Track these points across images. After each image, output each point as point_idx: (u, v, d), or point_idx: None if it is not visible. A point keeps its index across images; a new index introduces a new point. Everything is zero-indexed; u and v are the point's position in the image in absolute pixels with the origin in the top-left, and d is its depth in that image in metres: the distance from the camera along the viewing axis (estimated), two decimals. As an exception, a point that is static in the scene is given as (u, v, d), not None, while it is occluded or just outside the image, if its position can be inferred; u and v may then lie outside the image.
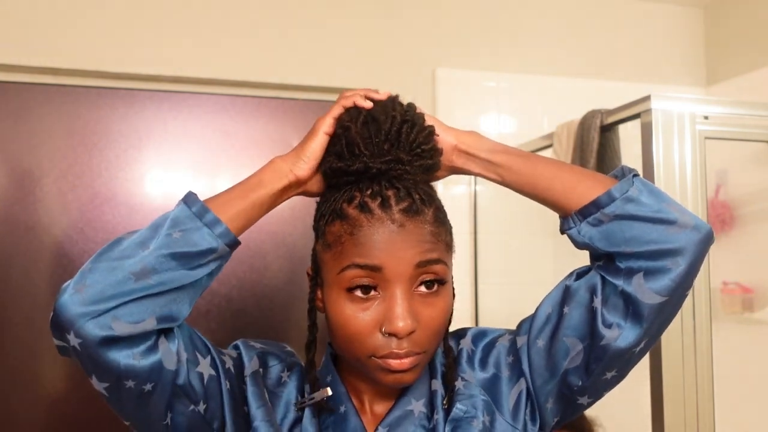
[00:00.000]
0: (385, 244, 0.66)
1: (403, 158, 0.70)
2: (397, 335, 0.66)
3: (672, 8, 2.39)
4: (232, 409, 0.71)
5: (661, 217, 0.65)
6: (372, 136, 0.70)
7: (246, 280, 1.92)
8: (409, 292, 0.67)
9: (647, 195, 0.67)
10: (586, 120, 1.53)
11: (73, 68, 1.81)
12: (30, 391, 1.77)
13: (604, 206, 0.68)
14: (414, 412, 0.72)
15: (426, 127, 0.74)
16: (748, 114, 1.29)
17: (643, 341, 0.67)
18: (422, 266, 0.67)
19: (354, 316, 0.67)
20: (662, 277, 0.64)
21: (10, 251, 1.77)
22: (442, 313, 0.70)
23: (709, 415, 1.17)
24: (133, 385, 0.62)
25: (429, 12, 2.12)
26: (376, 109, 0.72)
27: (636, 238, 0.65)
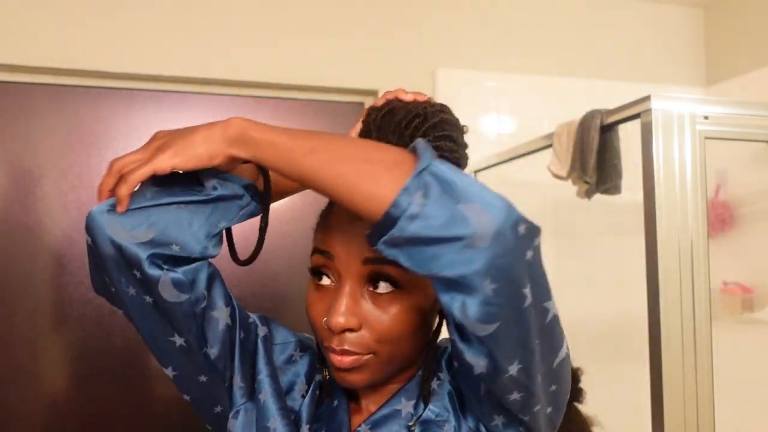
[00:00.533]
0: (338, 232, 0.66)
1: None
2: (331, 330, 0.65)
3: (672, 8, 2.39)
4: (240, 358, 0.73)
5: (453, 235, 0.50)
6: (385, 126, 0.70)
7: (246, 280, 1.92)
8: (358, 289, 0.66)
9: (437, 199, 0.51)
10: (586, 120, 1.53)
11: (73, 68, 1.81)
12: (30, 391, 1.77)
13: (389, 230, 0.52)
14: (402, 412, 0.71)
15: (440, 126, 0.69)
16: (748, 114, 1.29)
17: (493, 365, 0.57)
18: (371, 263, 0.64)
19: (313, 303, 0.69)
20: (478, 303, 0.52)
21: (10, 251, 1.77)
22: (393, 318, 0.64)
23: (709, 415, 1.17)
24: (135, 292, 0.65)
25: (429, 12, 2.12)
26: (403, 103, 0.72)
27: (436, 259, 0.51)
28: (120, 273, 0.64)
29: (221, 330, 0.70)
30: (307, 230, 0.75)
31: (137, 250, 0.62)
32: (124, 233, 0.62)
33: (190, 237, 0.65)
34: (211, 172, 0.66)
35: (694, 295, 1.18)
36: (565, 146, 1.61)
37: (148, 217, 0.63)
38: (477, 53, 2.16)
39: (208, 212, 0.66)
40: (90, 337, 1.82)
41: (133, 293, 0.65)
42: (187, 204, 0.65)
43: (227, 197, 0.68)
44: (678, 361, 1.16)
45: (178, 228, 0.64)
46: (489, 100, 2.14)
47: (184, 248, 0.64)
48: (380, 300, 0.65)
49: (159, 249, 0.63)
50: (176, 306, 0.65)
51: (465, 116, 2.40)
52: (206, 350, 0.69)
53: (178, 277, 0.64)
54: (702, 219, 1.19)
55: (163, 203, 0.64)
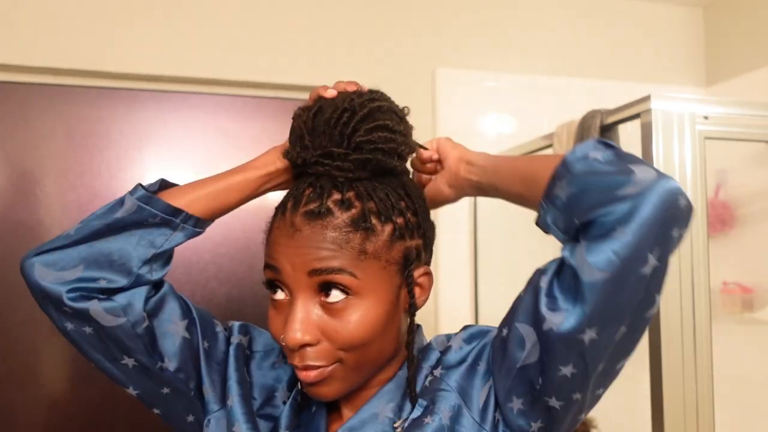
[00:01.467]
0: (281, 246, 0.66)
1: (333, 152, 0.67)
2: (288, 348, 0.65)
3: (672, 8, 2.39)
4: (207, 367, 0.73)
5: (612, 174, 0.56)
6: (317, 127, 0.68)
7: (246, 280, 1.92)
8: (310, 301, 0.65)
9: (602, 150, 0.59)
10: (586, 120, 1.53)
11: (73, 68, 1.81)
12: (30, 391, 1.77)
13: (561, 177, 0.60)
14: (379, 416, 0.69)
15: (372, 117, 0.68)
16: (748, 114, 1.29)
17: (587, 327, 0.56)
18: (317, 275, 0.63)
19: (272, 318, 0.69)
20: (603, 248, 0.54)
21: (10, 251, 1.77)
22: (352, 326, 0.64)
23: (709, 415, 1.17)
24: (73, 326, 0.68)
25: (429, 12, 2.12)
26: (331, 99, 0.70)
27: (581, 203, 0.57)
28: (54, 312, 0.68)
29: (178, 344, 0.71)
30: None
31: (57, 288, 0.66)
32: (51, 275, 0.67)
33: (119, 270, 0.67)
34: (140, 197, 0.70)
35: (694, 295, 1.18)
36: (565, 146, 1.61)
37: (72, 257, 0.67)
38: (477, 53, 2.16)
39: (135, 240, 0.69)
40: (90, 337, 1.82)
41: (72, 327, 0.68)
42: (109, 235, 0.68)
43: (147, 223, 0.69)
44: (678, 361, 1.16)
45: (105, 262, 0.67)
46: (489, 100, 2.14)
47: (111, 281, 0.67)
48: (334, 309, 0.64)
49: (84, 284, 0.66)
50: (117, 329, 0.67)
51: (465, 116, 2.41)
52: (161, 365, 0.70)
53: (109, 304, 0.66)
54: (702, 219, 1.19)
55: (86, 237, 0.68)
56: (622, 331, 0.58)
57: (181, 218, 0.70)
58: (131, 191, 0.70)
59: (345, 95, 0.70)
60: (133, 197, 0.69)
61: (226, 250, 1.89)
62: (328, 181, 0.67)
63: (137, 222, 0.69)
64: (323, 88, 0.73)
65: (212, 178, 0.75)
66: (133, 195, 0.69)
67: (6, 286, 1.76)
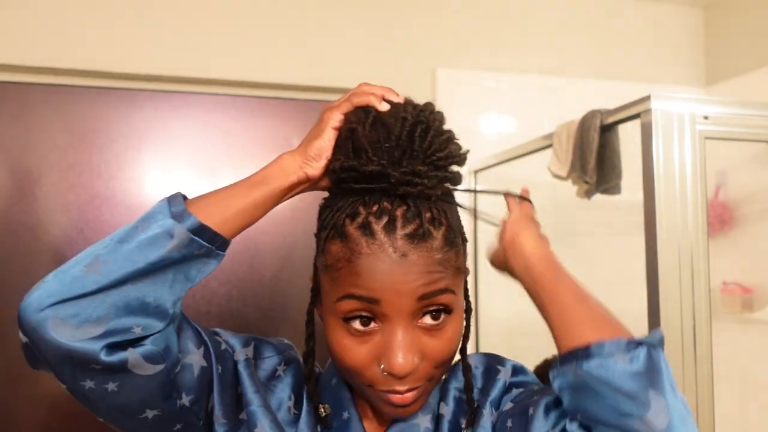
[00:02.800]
0: (384, 275, 0.60)
1: (420, 170, 0.62)
2: (396, 376, 0.62)
3: (672, 8, 2.39)
4: (222, 393, 0.67)
5: (628, 397, 0.55)
6: (381, 140, 0.63)
7: (246, 280, 1.92)
8: (410, 326, 0.62)
9: (634, 371, 0.55)
10: (586, 120, 1.53)
11: (73, 68, 1.81)
12: (30, 391, 1.77)
13: (579, 359, 0.58)
14: (420, 426, 0.69)
15: (443, 131, 0.66)
16: (748, 114, 1.29)
17: None
18: (426, 299, 0.61)
19: (351, 348, 0.63)
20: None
21: (10, 251, 1.77)
22: (449, 343, 0.64)
23: (709, 415, 1.17)
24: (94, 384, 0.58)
25: (429, 12, 2.12)
26: (386, 111, 0.65)
27: (588, 404, 0.57)
28: (73, 371, 0.57)
29: (197, 375, 0.64)
30: (308, 230, 0.74)
31: (90, 346, 0.55)
32: (71, 331, 0.55)
33: (154, 314, 0.58)
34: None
35: (694, 295, 1.17)
36: (565, 146, 1.61)
37: (99, 305, 0.55)
38: (477, 53, 2.16)
39: (170, 278, 0.59)
40: (90, 337, 1.82)
41: (92, 386, 0.58)
42: (149, 275, 0.57)
43: (191, 256, 0.60)
44: (678, 361, 1.16)
45: (138, 307, 0.57)
46: (489, 100, 2.14)
47: (147, 328, 0.58)
48: (434, 329, 0.63)
49: (117, 337, 0.56)
50: (152, 378, 0.59)
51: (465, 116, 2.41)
52: (180, 402, 0.63)
53: (149, 349, 0.58)
54: (702, 219, 1.19)
55: (122, 280, 0.56)
56: None
57: (218, 245, 0.62)
58: (177, 216, 0.59)
59: (398, 106, 0.66)
60: (183, 227, 0.59)
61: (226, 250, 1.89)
62: (420, 200, 0.63)
63: (185, 257, 0.59)
64: (374, 98, 0.66)
65: (234, 193, 0.64)
66: (183, 223, 0.59)
67: (5, 285, 1.76)
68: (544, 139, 1.76)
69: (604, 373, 0.56)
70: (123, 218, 1.85)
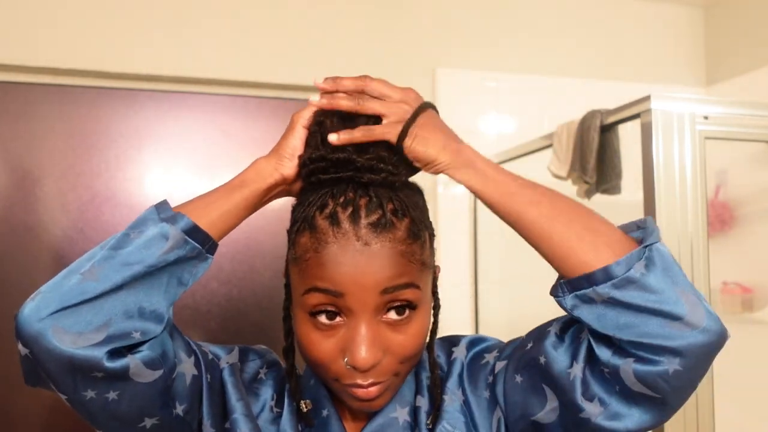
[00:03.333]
0: (348, 266, 0.60)
1: (384, 155, 0.64)
2: (359, 370, 0.62)
3: (672, 8, 2.39)
4: (210, 402, 0.68)
5: (664, 310, 0.55)
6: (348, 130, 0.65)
7: (246, 280, 1.92)
8: (374, 321, 0.62)
9: (657, 275, 0.56)
10: (586, 120, 1.53)
11: (73, 68, 1.81)
12: (30, 391, 1.77)
13: (598, 284, 0.57)
14: (398, 419, 0.70)
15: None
16: (748, 114, 1.29)
17: (633, 429, 0.59)
18: (389, 292, 0.61)
19: (318, 342, 0.63)
20: (653, 372, 0.55)
21: (10, 251, 1.77)
22: (413, 338, 0.64)
23: (709, 415, 1.17)
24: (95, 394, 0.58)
25: (429, 12, 2.12)
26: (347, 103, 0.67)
27: (630, 327, 0.56)
28: (74, 380, 0.57)
29: (189, 384, 0.65)
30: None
31: (93, 353, 0.55)
32: (73, 339, 0.55)
33: (151, 319, 0.59)
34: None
35: (694, 295, 1.17)
36: (565, 146, 1.61)
37: (99, 312, 0.56)
38: (477, 53, 2.16)
39: (164, 282, 0.60)
40: (90, 337, 1.82)
41: (93, 395, 0.57)
42: (146, 278, 0.58)
43: (182, 258, 0.60)
44: (678, 361, 1.16)
45: (136, 312, 0.58)
46: (489, 100, 2.14)
47: (146, 333, 0.58)
48: (398, 324, 0.64)
49: (117, 343, 0.56)
50: (152, 385, 0.59)
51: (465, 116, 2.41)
52: (175, 412, 0.64)
53: (147, 355, 0.58)
54: (702, 219, 1.19)
55: (120, 286, 0.57)
56: None
57: (207, 247, 0.63)
58: (169, 219, 0.60)
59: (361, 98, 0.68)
60: (177, 228, 0.60)
61: (226, 250, 1.89)
62: (382, 188, 0.64)
63: (179, 259, 0.60)
64: (337, 99, 0.68)
65: (215, 198, 0.66)
66: (177, 225, 0.60)
67: (5, 285, 1.76)
68: (544, 139, 1.76)
69: (632, 289, 0.55)
70: (123, 218, 1.85)
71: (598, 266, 0.57)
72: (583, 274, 0.58)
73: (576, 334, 0.63)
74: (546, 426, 0.64)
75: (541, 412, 0.64)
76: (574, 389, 0.60)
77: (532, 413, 0.65)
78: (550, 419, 0.64)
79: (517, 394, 0.67)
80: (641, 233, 0.60)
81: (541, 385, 0.64)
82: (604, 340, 0.59)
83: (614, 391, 0.58)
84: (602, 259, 0.57)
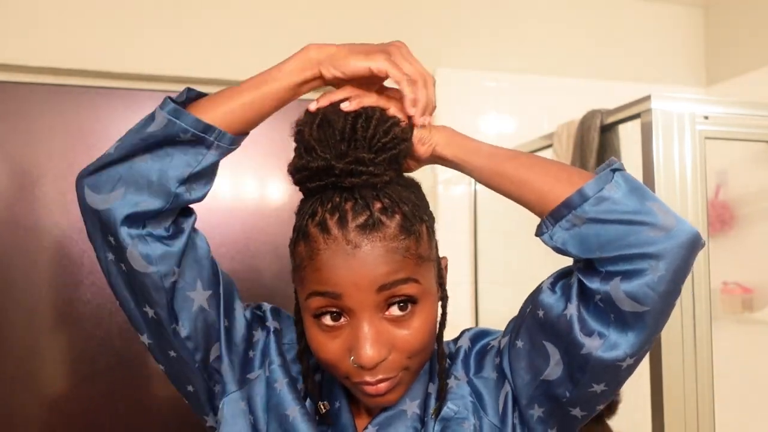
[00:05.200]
0: (342, 269, 0.62)
1: (363, 157, 0.64)
2: (365, 368, 0.63)
3: (672, 8, 2.39)
4: (228, 348, 0.72)
5: (639, 219, 0.59)
6: (327, 137, 0.65)
7: (246, 280, 1.92)
8: (376, 318, 0.63)
9: (626, 192, 0.60)
10: (586, 120, 1.53)
11: (73, 68, 1.81)
12: (30, 391, 1.77)
13: (576, 207, 0.61)
14: (407, 412, 0.71)
15: (385, 118, 0.68)
16: (748, 114, 1.29)
17: (630, 356, 0.62)
18: (386, 289, 0.63)
19: (324, 343, 0.66)
20: (640, 284, 0.59)
21: (10, 251, 1.77)
22: (419, 333, 0.65)
23: (709, 415, 1.17)
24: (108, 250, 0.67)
25: (429, 12, 2.12)
26: (328, 109, 0.69)
27: (611, 242, 0.59)
28: (101, 238, 0.66)
29: (194, 311, 0.69)
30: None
31: (112, 213, 0.63)
32: (99, 198, 0.64)
33: (156, 189, 0.65)
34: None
35: (694, 295, 1.18)
36: (565, 146, 1.61)
37: (113, 176, 0.65)
38: (477, 53, 2.16)
39: (170, 160, 0.65)
40: (90, 337, 1.82)
41: (112, 258, 0.66)
42: (146, 152, 0.65)
43: (180, 140, 0.66)
44: (678, 361, 1.16)
45: (144, 183, 0.64)
46: (489, 100, 2.14)
47: (151, 203, 0.64)
48: (400, 319, 0.65)
49: (129, 209, 0.64)
50: (145, 276, 0.65)
51: (465, 116, 2.40)
52: (175, 326, 0.68)
53: (145, 250, 0.64)
54: (702, 219, 1.19)
55: (125, 156, 0.65)
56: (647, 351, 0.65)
57: (214, 135, 0.67)
58: (161, 104, 0.66)
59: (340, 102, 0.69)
60: (163, 111, 0.65)
61: (226, 250, 1.89)
62: (366, 189, 0.65)
63: (169, 138, 0.65)
64: (324, 100, 0.71)
65: (241, 87, 0.71)
66: (163, 109, 0.66)
67: (6, 285, 1.76)
68: (544, 139, 1.76)
69: (607, 204, 0.60)
70: (123, 218, 1.85)
71: (573, 189, 0.61)
72: (561, 202, 0.62)
73: (566, 282, 0.66)
74: (554, 382, 0.67)
75: (548, 368, 0.67)
76: (572, 327, 0.63)
77: (540, 372, 0.67)
78: (557, 374, 0.66)
79: (521, 359, 0.69)
80: (605, 168, 0.64)
81: (541, 342, 0.67)
82: (591, 272, 0.62)
83: (610, 320, 0.61)
84: (577, 184, 0.62)
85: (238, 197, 1.90)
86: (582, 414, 0.68)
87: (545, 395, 0.68)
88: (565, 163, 0.69)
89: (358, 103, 0.67)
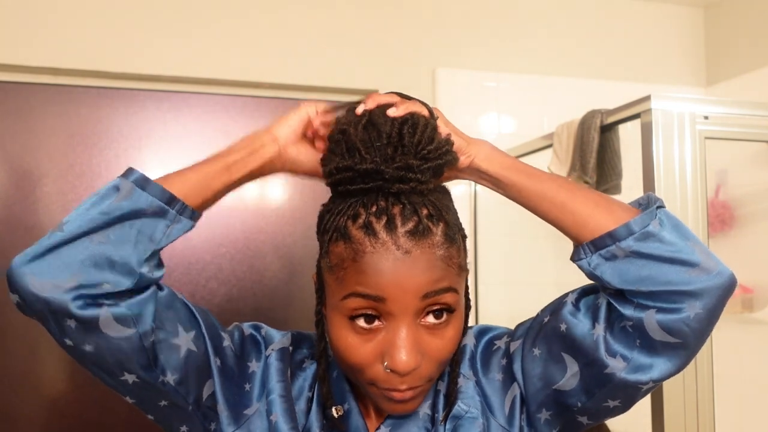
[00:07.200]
0: (389, 273, 0.61)
1: (412, 164, 0.63)
2: (399, 374, 0.63)
3: (672, 8, 2.39)
4: (222, 385, 0.70)
5: (682, 258, 0.60)
6: (373, 140, 0.64)
7: (246, 280, 1.92)
8: (414, 325, 0.63)
9: (670, 230, 0.62)
10: (586, 120, 1.53)
11: (73, 68, 1.81)
12: (30, 391, 1.77)
13: (621, 239, 0.62)
14: (419, 413, 0.71)
15: (428, 124, 0.67)
16: (748, 114, 1.29)
17: (656, 379, 0.64)
18: (429, 297, 0.62)
19: (355, 346, 0.64)
20: (676, 319, 0.60)
21: (10, 251, 1.77)
22: (450, 342, 0.66)
23: (709, 415, 1.17)
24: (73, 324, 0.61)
25: (429, 12, 2.12)
26: (374, 112, 0.66)
27: (651, 278, 0.61)
28: (55, 325, 0.61)
29: (182, 357, 0.66)
30: (308, 230, 0.74)
31: (63, 298, 0.58)
32: (47, 284, 0.58)
33: (121, 271, 0.60)
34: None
35: (694, 295, 1.17)
36: (565, 146, 1.61)
37: (66, 259, 0.59)
38: (477, 53, 2.16)
39: (133, 236, 0.61)
40: (90, 337, 1.82)
41: (71, 344, 0.62)
42: (106, 228, 0.60)
43: (144, 213, 0.62)
44: (678, 361, 1.16)
45: (105, 263, 0.60)
46: (489, 100, 2.14)
47: (116, 284, 0.60)
48: (435, 328, 0.64)
49: (87, 290, 0.59)
50: (123, 341, 0.61)
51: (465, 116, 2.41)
52: (163, 379, 0.65)
53: (121, 311, 0.60)
54: (702, 219, 1.19)
55: (82, 234, 0.60)
56: None
57: (177, 208, 0.64)
58: (125, 174, 0.63)
59: (385, 107, 0.67)
60: (128, 180, 0.62)
61: (226, 250, 1.89)
62: (414, 195, 0.64)
63: (134, 211, 0.61)
64: (376, 101, 0.69)
65: (201, 163, 0.68)
66: (128, 178, 0.62)
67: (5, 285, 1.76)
68: (544, 139, 1.76)
69: (652, 241, 0.61)
70: (123, 218, 1.85)
71: (617, 223, 0.63)
72: (606, 233, 0.63)
73: (592, 301, 0.67)
74: (567, 393, 0.68)
75: (563, 379, 0.68)
76: (598, 347, 0.64)
77: (554, 381, 0.68)
78: (571, 385, 0.67)
79: (536, 366, 0.70)
80: (646, 203, 0.66)
81: (560, 353, 0.68)
82: (624, 300, 0.63)
83: (635, 345, 0.63)
84: (620, 220, 0.63)
85: (238, 197, 1.90)
86: (588, 422, 0.70)
87: (555, 402, 0.69)
88: (603, 193, 0.70)
89: (405, 109, 0.66)
